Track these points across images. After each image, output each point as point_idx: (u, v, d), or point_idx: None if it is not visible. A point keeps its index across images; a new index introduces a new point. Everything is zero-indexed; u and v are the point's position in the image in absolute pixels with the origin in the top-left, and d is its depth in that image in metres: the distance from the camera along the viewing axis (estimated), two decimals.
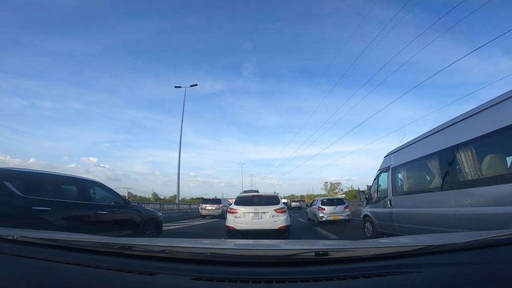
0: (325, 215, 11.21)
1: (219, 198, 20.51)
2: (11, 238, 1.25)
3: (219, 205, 17.44)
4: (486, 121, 3.20)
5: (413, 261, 0.98)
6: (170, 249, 1.12)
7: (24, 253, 1.11)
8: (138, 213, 5.46)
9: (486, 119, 3.22)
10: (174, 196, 24.72)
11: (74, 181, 4.94)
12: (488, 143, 3.23)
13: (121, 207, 5.11)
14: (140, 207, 6.24)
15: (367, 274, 0.89)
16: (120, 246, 1.17)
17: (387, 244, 1.39)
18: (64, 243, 1.26)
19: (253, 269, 0.98)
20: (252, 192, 8.07)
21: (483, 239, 1.14)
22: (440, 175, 4.05)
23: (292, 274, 0.93)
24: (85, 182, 5.00)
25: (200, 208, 17.82)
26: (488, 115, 3.19)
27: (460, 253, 1.03)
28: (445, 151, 3.88)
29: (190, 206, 22.94)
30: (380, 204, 5.99)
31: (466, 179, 3.58)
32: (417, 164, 4.75)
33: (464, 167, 3.62)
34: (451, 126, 3.87)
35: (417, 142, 4.82)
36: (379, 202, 6.13)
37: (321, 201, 12.14)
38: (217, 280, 0.89)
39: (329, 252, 1.05)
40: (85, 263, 1.03)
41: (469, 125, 3.51)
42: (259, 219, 6.30)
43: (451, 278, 0.87)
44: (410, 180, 5.14)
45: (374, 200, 6.52)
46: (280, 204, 6.69)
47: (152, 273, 0.94)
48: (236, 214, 6.45)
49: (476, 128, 3.34)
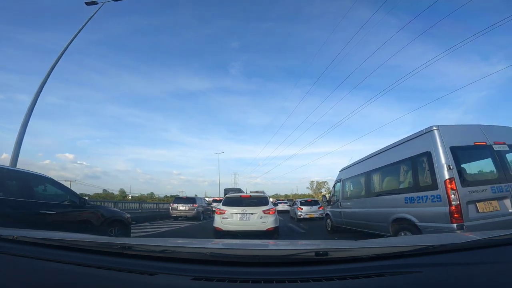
0: (302, 214, 13.59)
1: (193, 196, 17.10)
2: (11, 238, 1.25)
3: (193, 205, 14.97)
4: (385, 158, 5.32)
5: (413, 261, 0.98)
6: (170, 249, 1.12)
7: (24, 253, 1.11)
8: (98, 214, 4.83)
9: (385, 156, 5.33)
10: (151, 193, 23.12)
11: (14, 174, 4.20)
12: (386, 170, 5.35)
13: (76, 206, 4.45)
14: (102, 207, 5.65)
15: (367, 274, 0.89)
16: (120, 246, 1.17)
17: (387, 244, 1.39)
18: (64, 243, 1.26)
19: (253, 269, 0.98)
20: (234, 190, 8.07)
21: (483, 239, 1.14)
22: (364, 187, 6.10)
23: (292, 274, 0.93)
24: (29, 177, 4.23)
25: (171, 208, 15.38)
26: (387, 154, 5.28)
27: (460, 253, 1.03)
28: (367, 172, 5.99)
29: (158, 205, 20.10)
30: (335, 206, 7.90)
31: (374, 191, 5.69)
32: (355, 179, 6.85)
33: (374, 183, 5.77)
34: (372, 157, 5.96)
35: (356, 164, 6.89)
36: (334, 204, 8.00)
37: (300, 202, 14.64)
38: (217, 280, 0.89)
39: (329, 252, 1.05)
40: (86, 263, 1.03)
41: (378, 158, 5.63)
42: (247, 220, 6.22)
43: (451, 278, 0.87)
44: (351, 189, 7.15)
45: (332, 202, 8.38)
46: (269, 205, 6.62)
47: (152, 273, 0.94)
48: (223, 215, 6.34)
49: (381, 161, 5.49)
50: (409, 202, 4.28)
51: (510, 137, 4.12)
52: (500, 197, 3.70)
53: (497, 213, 3.61)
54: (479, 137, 3.98)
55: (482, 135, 4.00)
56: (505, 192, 3.71)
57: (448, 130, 3.95)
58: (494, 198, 3.67)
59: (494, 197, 3.68)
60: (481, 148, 3.96)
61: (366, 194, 5.91)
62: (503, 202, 3.69)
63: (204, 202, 17.26)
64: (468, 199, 3.57)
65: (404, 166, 4.67)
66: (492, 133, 4.06)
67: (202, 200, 17.37)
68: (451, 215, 3.50)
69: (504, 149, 3.98)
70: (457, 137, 3.94)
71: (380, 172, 5.53)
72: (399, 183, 4.85)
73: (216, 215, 6.60)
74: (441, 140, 3.82)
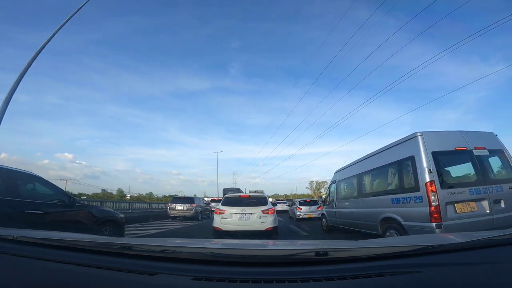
0: (301, 214, 13.61)
1: (191, 196, 16.68)
2: (11, 238, 1.25)
3: (192, 205, 14.67)
4: (375, 161, 5.59)
5: (413, 261, 0.98)
6: (170, 249, 1.12)
7: (24, 253, 1.11)
8: (88, 214, 4.69)
9: (375, 159, 5.60)
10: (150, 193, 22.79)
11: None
12: (375, 173, 5.66)
13: (65, 206, 4.31)
14: (93, 207, 5.50)
15: (367, 274, 0.89)
16: (120, 246, 1.17)
17: (387, 244, 1.39)
18: (64, 243, 1.26)
19: (253, 269, 0.98)
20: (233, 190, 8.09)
21: (483, 239, 1.14)
22: (356, 188, 6.38)
23: (292, 274, 0.93)
24: (17, 175, 4.03)
25: (169, 208, 15.08)
26: (376, 157, 5.55)
27: (460, 253, 1.03)
28: (359, 174, 6.29)
29: (150, 205, 19.51)
30: (330, 206, 8.17)
31: (365, 192, 5.97)
32: (348, 180, 7.09)
33: (365, 185, 6.06)
34: (363, 160, 6.23)
35: (350, 166, 7.18)
36: (330, 204, 8.27)
37: (298, 202, 14.64)
38: (217, 280, 0.89)
39: (329, 252, 1.05)
40: (86, 263, 1.03)
41: (369, 161, 5.91)
42: (246, 220, 6.27)
43: (451, 278, 0.87)
44: (345, 190, 7.39)
45: (327, 203, 8.67)
46: (268, 204, 6.66)
47: (152, 273, 0.94)
48: (222, 215, 6.40)
49: (371, 164, 5.76)
50: (395, 202, 4.54)
51: (490, 142, 4.36)
52: (478, 199, 3.91)
53: (474, 213, 3.82)
54: (460, 142, 4.23)
55: (463, 141, 4.24)
56: (483, 194, 3.91)
57: (431, 136, 4.17)
58: (472, 200, 3.88)
59: (472, 199, 3.88)
60: (462, 153, 4.19)
61: (358, 195, 6.21)
62: (480, 203, 3.90)
63: (202, 202, 17.04)
64: (447, 200, 3.78)
65: (392, 169, 4.93)
66: (473, 138, 4.29)
67: (200, 200, 17.11)
68: (431, 215, 3.72)
69: (484, 154, 4.22)
70: (439, 143, 4.15)
71: (370, 174, 5.87)
72: (387, 185, 5.10)
73: (215, 215, 6.65)
74: (424, 146, 4.04)
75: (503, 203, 3.93)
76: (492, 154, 4.29)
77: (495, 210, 3.86)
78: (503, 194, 3.96)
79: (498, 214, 3.84)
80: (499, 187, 4.00)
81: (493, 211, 3.85)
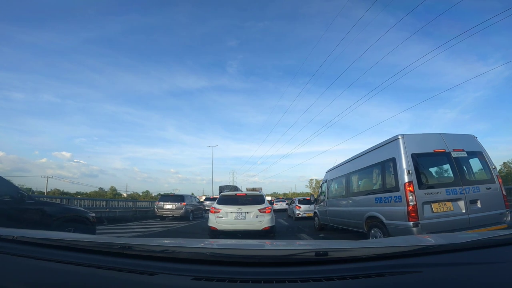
0: (301, 212, 13.33)
1: (181, 194, 14.88)
2: (11, 238, 1.25)
3: (181, 204, 13.26)
4: (361, 161, 5.72)
5: (413, 261, 0.98)
6: (170, 249, 1.12)
7: (24, 253, 1.11)
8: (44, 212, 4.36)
9: (362, 160, 5.73)
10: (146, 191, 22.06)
11: None
12: (361, 173, 5.81)
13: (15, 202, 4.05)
14: (50, 204, 5.19)
15: (367, 274, 0.89)
16: (121, 246, 1.17)
17: (387, 244, 1.39)
18: (65, 243, 1.26)
19: (253, 269, 0.98)
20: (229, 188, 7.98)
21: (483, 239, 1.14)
22: (345, 188, 6.54)
23: (292, 274, 0.93)
24: None
25: (156, 207, 13.63)
26: (363, 158, 5.69)
27: (460, 253, 1.04)
28: (347, 174, 6.45)
29: (134, 204, 18.21)
30: (322, 205, 8.34)
31: (353, 191, 6.13)
32: (338, 180, 7.24)
33: (352, 185, 6.23)
34: (352, 161, 6.38)
35: (339, 166, 7.30)
36: (321, 203, 8.43)
37: (298, 200, 14.27)
38: (217, 280, 0.89)
39: (329, 252, 1.05)
40: (86, 263, 1.03)
41: (356, 161, 6.04)
42: (242, 219, 6.12)
43: (451, 278, 0.87)
44: (335, 189, 7.55)
45: (319, 201, 8.82)
46: (265, 203, 6.51)
47: (152, 273, 0.94)
48: (218, 214, 6.23)
49: (358, 164, 5.90)
50: (379, 202, 4.70)
51: (469, 144, 4.51)
52: (454, 199, 4.05)
53: (450, 213, 3.96)
54: (439, 144, 4.38)
55: (442, 143, 4.39)
56: (459, 194, 4.06)
57: (411, 139, 4.31)
58: (448, 200, 4.02)
59: (448, 199, 4.02)
60: (440, 155, 4.36)
61: (346, 194, 6.43)
62: (457, 203, 4.04)
63: (194, 200, 15.96)
64: (424, 200, 3.93)
65: (376, 169, 5.09)
66: (452, 141, 4.44)
67: (192, 198, 15.72)
68: (409, 214, 3.87)
69: (463, 156, 4.37)
70: (419, 145, 4.29)
71: (357, 174, 6.09)
72: (371, 184, 5.28)
73: (210, 214, 6.45)
74: (404, 148, 4.18)
75: (480, 203, 4.06)
76: (471, 156, 4.44)
77: (471, 210, 3.99)
78: (479, 195, 4.09)
79: (474, 213, 3.98)
80: (475, 187, 4.14)
81: (469, 211, 3.98)
